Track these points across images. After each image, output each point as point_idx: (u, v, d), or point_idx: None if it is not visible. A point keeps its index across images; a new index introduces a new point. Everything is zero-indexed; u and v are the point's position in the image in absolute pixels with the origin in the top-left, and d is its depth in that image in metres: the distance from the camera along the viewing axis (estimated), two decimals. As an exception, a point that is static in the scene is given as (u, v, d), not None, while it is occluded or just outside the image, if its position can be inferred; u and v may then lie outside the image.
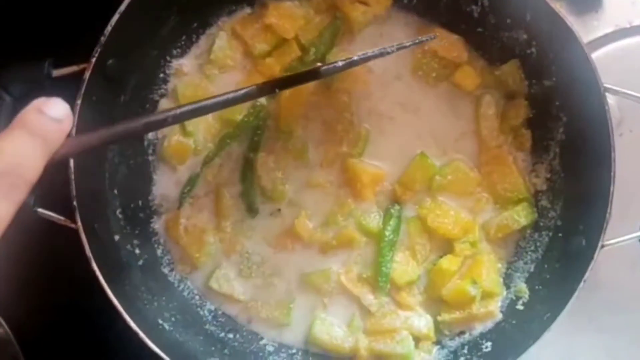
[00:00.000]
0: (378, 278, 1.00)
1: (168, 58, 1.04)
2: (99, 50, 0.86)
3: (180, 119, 0.74)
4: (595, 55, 1.16)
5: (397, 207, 1.03)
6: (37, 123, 0.61)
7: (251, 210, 1.03)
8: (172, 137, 1.03)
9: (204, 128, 1.03)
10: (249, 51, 1.04)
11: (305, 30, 1.03)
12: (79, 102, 0.85)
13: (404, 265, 1.01)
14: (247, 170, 1.03)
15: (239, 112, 1.02)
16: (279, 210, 1.03)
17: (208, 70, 1.04)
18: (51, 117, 0.62)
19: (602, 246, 0.88)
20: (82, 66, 0.87)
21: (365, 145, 1.04)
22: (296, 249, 1.03)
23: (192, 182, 1.03)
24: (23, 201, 0.58)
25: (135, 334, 0.85)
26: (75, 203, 0.86)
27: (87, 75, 0.86)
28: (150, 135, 1.04)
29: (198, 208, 1.04)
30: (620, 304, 1.10)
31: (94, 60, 0.86)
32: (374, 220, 1.02)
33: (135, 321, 0.86)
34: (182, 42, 1.04)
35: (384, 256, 0.99)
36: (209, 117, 1.03)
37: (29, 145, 0.60)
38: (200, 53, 1.05)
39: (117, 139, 0.79)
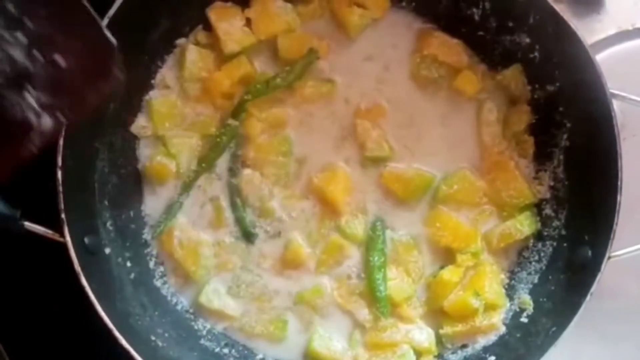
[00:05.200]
0: (377, 305, 0.97)
1: (159, 64, 1.01)
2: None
3: None
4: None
5: (378, 223, 1.00)
6: None
7: (248, 237, 1.00)
8: (155, 157, 0.99)
9: (188, 150, 0.99)
10: (220, 55, 0.99)
11: (284, 39, 0.99)
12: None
13: (399, 282, 0.98)
14: (233, 195, 1.00)
15: (214, 127, 1.00)
16: (280, 233, 1.00)
17: (185, 84, 1.00)
18: None
19: (609, 257, 0.86)
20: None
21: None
22: (292, 274, 1.00)
23: (171, 210, 0.99)
24: None
25: (127, 351, 0.83)
26: (63, 216, 0.83)
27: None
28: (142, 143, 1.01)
29: (193, 220, 1.00)
30: (626, 314, 1.08)
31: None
32: (358, 226, 0.99)
33: (126, 339, 0.83)
34: (174, 48, 1.01)
35: (375, 281, 0.96)
36: (193, 138, 1.00)
37: None
38: (173, 64, 1.01)
39: None
